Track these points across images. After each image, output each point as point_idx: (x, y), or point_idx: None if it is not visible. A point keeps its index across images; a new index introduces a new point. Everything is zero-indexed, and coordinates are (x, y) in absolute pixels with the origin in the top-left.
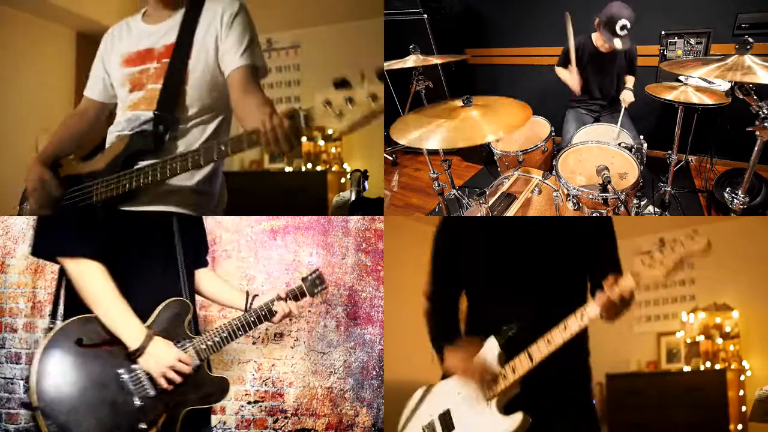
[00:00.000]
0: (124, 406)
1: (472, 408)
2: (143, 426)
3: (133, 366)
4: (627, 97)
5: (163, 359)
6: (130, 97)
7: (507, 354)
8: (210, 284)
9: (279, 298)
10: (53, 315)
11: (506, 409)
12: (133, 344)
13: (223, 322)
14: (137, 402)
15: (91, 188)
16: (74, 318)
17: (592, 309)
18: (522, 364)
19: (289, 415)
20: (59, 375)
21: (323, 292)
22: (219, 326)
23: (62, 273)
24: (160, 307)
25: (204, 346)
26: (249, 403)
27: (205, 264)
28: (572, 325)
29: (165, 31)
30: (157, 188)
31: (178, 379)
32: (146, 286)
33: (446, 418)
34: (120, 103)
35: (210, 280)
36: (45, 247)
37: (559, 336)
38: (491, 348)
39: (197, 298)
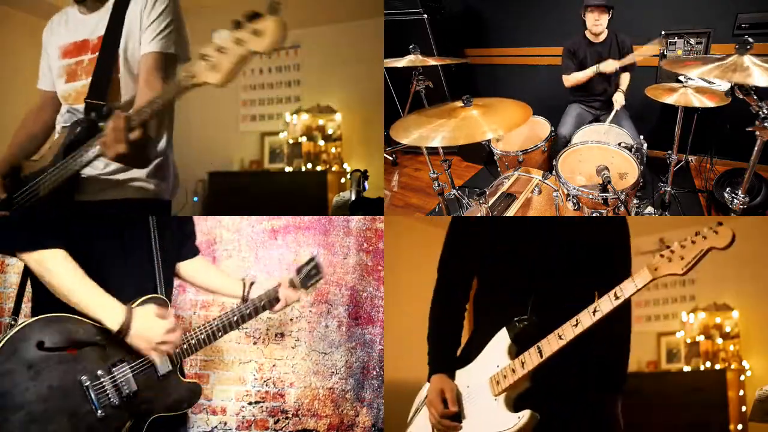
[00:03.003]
0: (85, 418)
1: (480, 402)
2: None
3: (99, 372)
4: (619, 99)
5: (151, 333)
6: (65, 88)
7: (518, 347)
8: (202, 273)
9: (284, 285)
10: (15, 312)
11: (515, 404)
12: (114, 325)
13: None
14: (99, 413)
15: (38, 183)
16: (37, 318)
17: (605, 304)
18: (532, 359)
19: (290, 415)
20: (15, 382)
21: (319, 282)
22: (213, 319)
23: (27, 269)
24: (136, 303)
25: (194, 341)
26: (250, 403)
27: (193, 254)
28: (585, 320)
29: (98, 20)
30: (109, 178)
31: (170, 351)
32: (120, 280)
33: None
34: (58, 94)
35: (201, 269)
36: (10, 242)
37: (571, 331)
38: (502, 339)
39: (197, 298)
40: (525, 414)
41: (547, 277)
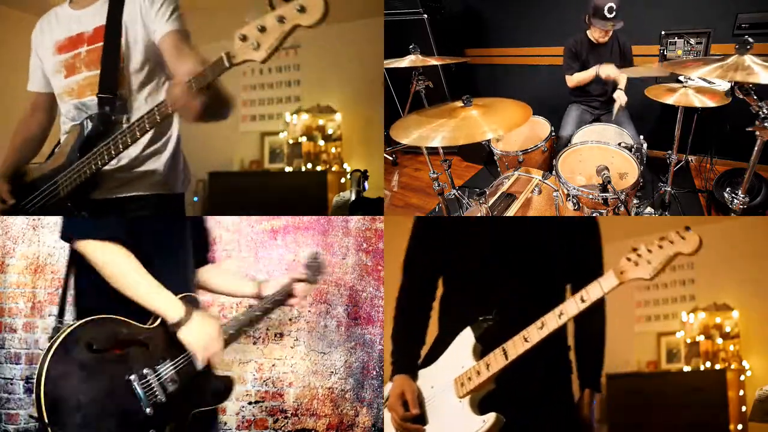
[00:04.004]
0: (134, 416)
1: (444, 403)
2: None
3: (145, 371)
4: (621, 96)
5: (208, 328)
6: (66, 83)
7: (483, 346)
8: (218, 278)
9: (295, 280)
10: (60, 314)
11: (480, 407)
12: (176, 314)
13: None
14: (148, 410)
15: (57, 184)
16: (85, 320)
17: (571, 307)
18: (497, 361)
19: (289, 415)
20: (70, 384)
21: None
22: (240, 314)
23: (70, 269)
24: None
25: (231, 332)
26: (250, 403)
27: (207, 261)
28: (550, 323)
29: (93, 14)
30: (125, 174)
31: (216, 351)
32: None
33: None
34: (57, 91)
35: (217, 275)
36: (75, 230)
37: (536, 334)
38: (466, 339)
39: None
40: (490, 417)
41: (512, 277)
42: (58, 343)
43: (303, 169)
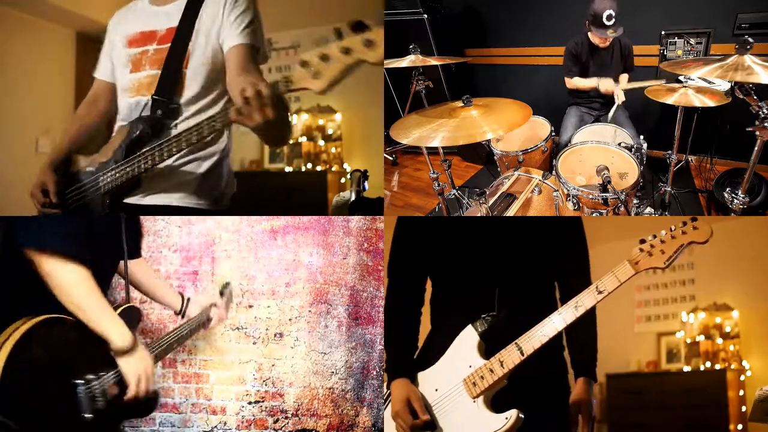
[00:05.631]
0: (76, 420)
1: (456, 405)
2: None
3: (89, 376)
4: (619, 95)
5: (146, 363)
6: (129, 78)
7: (487, 344)
8: (149, 279)
9: (213, 305)
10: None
11: (494, 405)
12: (122, 343)
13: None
14: (88, 415)
15: (98, 180)
16: (32, 322)
17: (588, 299)
18: (512, 357)
19: (289, 415)
20: (20, 386)
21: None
22: (167, 335)
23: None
24: (118, 311)
25: (158, 353)
26: (249, 403)
27: (139, 254)
28: (567, 315)
29: (170, 12)
30: (162, 178)
31: (150, 386)
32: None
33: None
34: (119, 85)
35: (145, 274)
36: (35, 238)
37: (552, 328)
38: (469, 337)
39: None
40: (512, 414)
41: (501, 273)
42: (12, 345)
43: (303, 169)
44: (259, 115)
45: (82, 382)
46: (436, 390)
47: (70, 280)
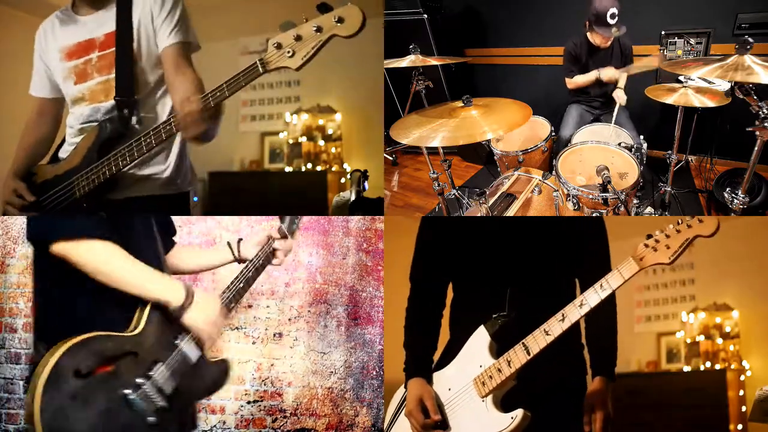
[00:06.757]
0: (138, 428)
1: (466, 405)
2: None
3: (139, 381)
4: (621, 95)
5: (210, 309)
6: (78, 89)
7: (498, 344)
8: (189, 257)
9: (272, 238)
10: (39, 335)
11: (503, 404)
12: (178, 299)
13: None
14: (151, 419)
15: (72, 185)
16: (67, 346)
17: (592, 296)
18: (518, 357)
19: (288, 414)
20: (66, 418)
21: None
22: (231, 282)
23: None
24: None
25: (230, 304)
26: (248, 402)
27: (173, 244)
28: (571, 314)
29: (102, 20)
30: (134, 177)
31: (221, 328)
32: None
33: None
34: (68, 97)
35: (188, 254)
36: (53, 231)
37: (557, 326)
38: (481, 338)
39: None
40: (518, 413)
41: (521, 274)
42: (46, 380)
43: (303, 169)
44: (194, 130)
45: (130, 390)
46: (450, 389)
47: (101, 258)
